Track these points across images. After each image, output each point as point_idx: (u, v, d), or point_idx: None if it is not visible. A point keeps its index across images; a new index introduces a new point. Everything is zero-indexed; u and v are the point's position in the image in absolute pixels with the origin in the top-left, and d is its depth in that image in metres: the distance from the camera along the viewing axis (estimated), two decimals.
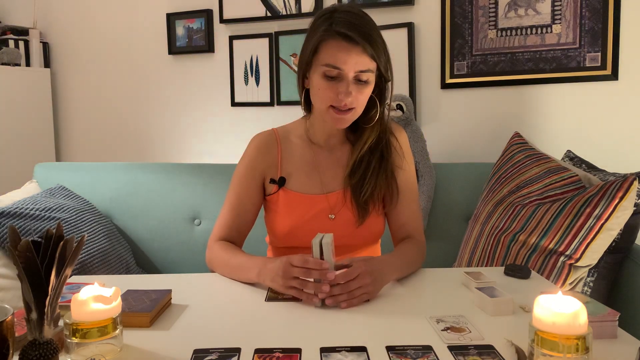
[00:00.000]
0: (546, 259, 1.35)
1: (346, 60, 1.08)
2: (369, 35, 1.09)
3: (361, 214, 1.21)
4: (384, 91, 1.20)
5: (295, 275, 0.98)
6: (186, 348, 0.82)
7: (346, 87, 1.09)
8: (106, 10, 2.83)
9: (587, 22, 1.96)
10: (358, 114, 1.17)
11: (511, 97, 2.11)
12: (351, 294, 0.97)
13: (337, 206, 1.22)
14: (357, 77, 1.11)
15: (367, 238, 1.26)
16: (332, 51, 1.09)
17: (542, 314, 0.72)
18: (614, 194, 1.28)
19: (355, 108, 1.14)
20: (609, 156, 1.90)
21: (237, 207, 1.26)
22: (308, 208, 1.22)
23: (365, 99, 1.15)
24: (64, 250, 0.72)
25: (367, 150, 1.22)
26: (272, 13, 2.45)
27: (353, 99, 1.11)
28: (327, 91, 1.12)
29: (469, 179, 1.87)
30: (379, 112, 1.20)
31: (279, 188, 1.24)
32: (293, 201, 1.23)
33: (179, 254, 1.92)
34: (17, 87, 2.75)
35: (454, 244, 1.75)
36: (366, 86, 1.13)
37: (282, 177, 1.24)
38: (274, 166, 1.25)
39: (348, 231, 1.22)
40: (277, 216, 1.24)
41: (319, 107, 1.16)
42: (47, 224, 1.61)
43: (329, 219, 1.22)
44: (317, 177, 1.24)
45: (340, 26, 1.08)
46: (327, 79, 1.11)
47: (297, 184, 1.24)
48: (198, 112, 2.71)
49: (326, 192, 1.23)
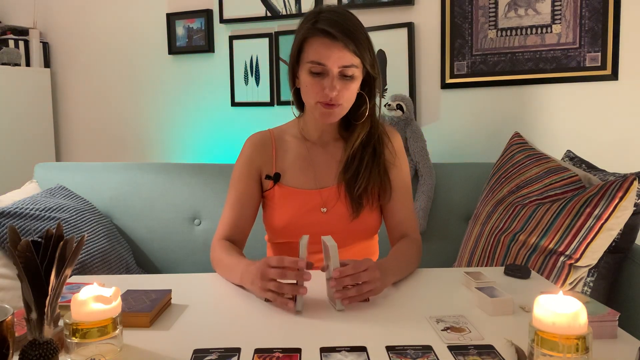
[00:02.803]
0: (546, 259, 1.35)
1: (329, 55, 1.11)
2: (351, 32, 1.12)
3: (355, 208, 1.23)
4: (373, 88, 1.23)
5: (271, 277, 0.96)
6: (186, 348, 0.82)
7: (331, 82, 1.13)
8: (106, 10, 2.83)
9: (587, 22, 1.96)
10: (345, 109, 1.20)
11: (511, 97, 2.11)
12: (360, 288, 0.96)
13: (330, 201, 1.25)
14: (341, 73, 1.14)
15: (361, 233, 1.28)
16: (315, 48, 1.13)
17: (542, 314, 0.72)
18: (614, 194, 1.28)
19: (342, 104, 1.17)
20: (609, 156, 1.90)
21: (237, 205, 1.27)
22: (302, 203, 1.25)
23: (352, 94, 1.18)
24: (64, 250, 0.72)
25: (360, 146, 1.24)
26: (272, 13, 2.45)
27: (339, 95, 1.14)
28: (313, 87, 1.15)
29: (469, 179, 1.87)
30: (368, 108, 1.22)
31: (274, 184, 1.26)
32: (288, 196, 1.25)
33: (179, 254, 1.92)
34: (17, 87, 2.75)
35: (454, 244, 1.75)
36: (352, 81, 1.16)
37: (277, 173, 1.27)
38: (269, 163, 1.28)
39: (342, 225, 1.23)
40: (273, 211, 1.27)
41: (308, 103, 1.21)
42: (47, 224, 1.61)
43: (321, 212, 1.24)
44: (311, 172, 1.27)
45: (323, 24, 1.12)
46: (313, 75, 1.15)
47: (292, 180, 1.27)
48: (198, 112, 2.71)
49: (319, 188, 1.26)
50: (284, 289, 0.95)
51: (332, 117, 1.19)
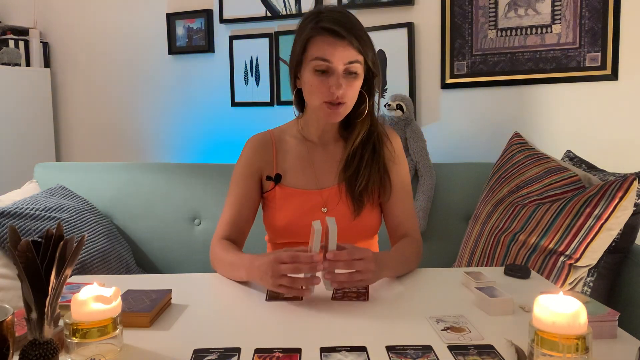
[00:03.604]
0: (546, 259, 1.35)
1: (334, 52, 1.13)
2: (354, 30, 1.15)
3: (356, 206, 1.24)
4: (373, 86, 1.25)
5: (283, 273, 0.97)
6: (186, 348, 0.82)
7: (336, 80, 1.14)
8: (106, 10, 2.83)
9: (587, 22, 1.96)
10: (349, 108, 1.22)
11: (511, 97, 2.11)
12: (352, 276, 0.99)
13: (331, 201, 1.26)
14: (346, 70, 1.16)
15: (362, 232, 1.28)
16: (320, 45, 1.14)
17: (542, 313, 0.72)
18: (614, 194, 1.29)
19: (347, 102, 1.19)
20: (609, 156, 1.90)
21: (236, 206, 1.28)
22: (303, 203, 1.26)
23: (355, 93, 1.20)
24: (64, 250, 0.72)
25: (360, 144, 1.26)
26: (272, 13, 2.45)
27: (344, 93, 1.16)
28: (319, 86, 1.16)
29: (469, 179, 1.87)
30: (367, 106, 1.24)
31: (275, 184, 1.27)
32: (289, 196, 1.26)
33: (179, 254, 1.92)
34: (17, 87, 2.75)
35: (454, 244, 1.75)
36: (356, 79, 1.17)
37: (277, 174, 1.28)
38: (269, 164, 1.29)
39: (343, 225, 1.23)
40: (274, 212, 1.27)
41: (313, 103, 1.21)
42: (47, 224, 1.61)
43: (322, 212, 1.25)
44: (312, 173, 1.28)
45: (327, 22, 1.14)
46: (317, 74, 1.16)
47: (293, 180, 1.28)
48: (198, 112, 2.71)
49: (320, 188, 1.27)
50: (297, 282, 0.97)
51: (337, 116, 1.20)
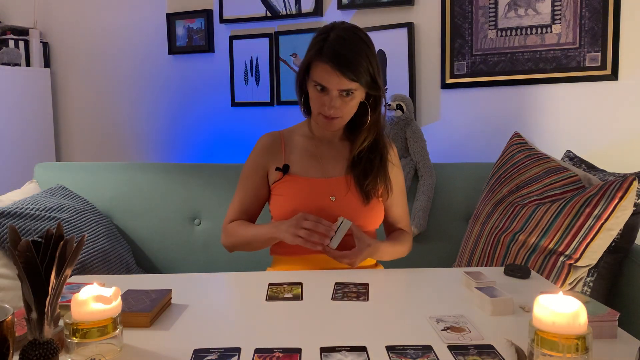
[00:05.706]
0: (546, 259, 1.35)
1: (329, 80, 1.23)
2: (350, 62, 1.22)
3: (365, 197, 1.33)
4: (378, 99, 1.33)
5: (305, 227, 1.17)
6: (186, 348, 0.82)
7: (330, 101, 1.25)
8: (106, 10, 2.83)
9: (587, 22, 1.96)
10: (345, 121, 1.31)
11: (511, 97, 2.11)
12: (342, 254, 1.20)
13: (339, 190, 1.33)
14: (341, 93, 1.25)
15: (369, 219, 1.34)
16: (318, 72, 1.24)
17: (542, 313, 0.72)
18: (614, 194, 1.28)
19: (342, 116, 1.28)
20: (609, 156, 1.90)
21: (244, 200, 1.39)
22: (310, 190, 1.33)
23: (351, 108, 1.29)
24: (64, 250, 0.72)
25: (367, 150, 1.35)
26: (272, 13, 2.45)
27: (338, 110, 1.26)
28: (317, 101, 1.28)
29: (469, 179, 1.87)
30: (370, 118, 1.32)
31: (283, 174, 1.35)
32: (296, 184, 1.34)
33: (179, 254, 1.92)
34: (17, 87, 2.75)
35: (454, 244, 1.75)
36: (351, 98, 1.26)
37: (286, 165, 1.35)
38: (278, 157, 1.38)
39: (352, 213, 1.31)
40: (282, 199, 1.34)
41: (313, 112, 1.32)
42: (47, 224, 1.61)
43: (330, 200, 1.31)
44: (319, 164, 1.36)
45: (328, 49, 1.23)
46: (317, 89, 1.27)
47: (300, 169, 1.36)
48: (198, 112, 2.71)
49: (327, 177, 1.35)
50: (313, 237, 1.17)
51: (332, 127, 1.31)
